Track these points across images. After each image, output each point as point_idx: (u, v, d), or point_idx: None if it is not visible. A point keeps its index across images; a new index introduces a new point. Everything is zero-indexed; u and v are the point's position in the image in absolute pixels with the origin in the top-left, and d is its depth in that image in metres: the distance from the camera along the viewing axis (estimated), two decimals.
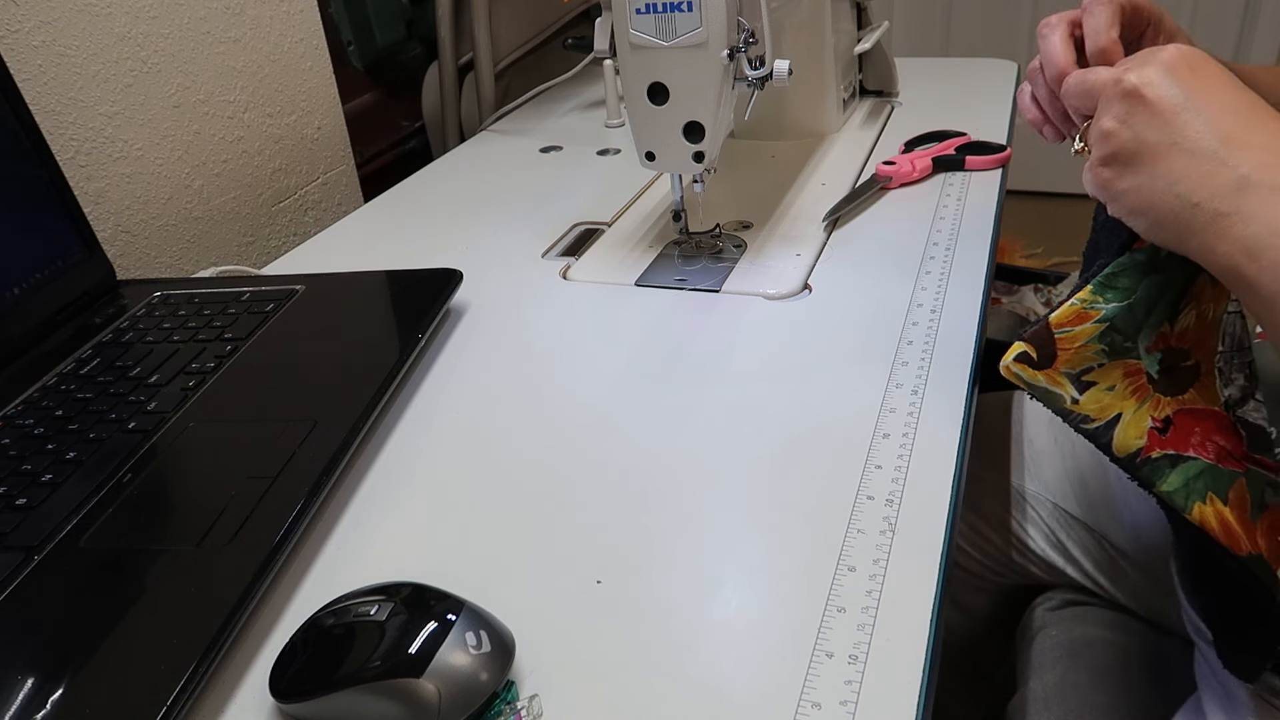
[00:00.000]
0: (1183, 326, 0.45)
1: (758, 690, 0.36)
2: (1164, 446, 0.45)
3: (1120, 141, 0.42)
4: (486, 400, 0.57)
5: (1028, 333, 0.44)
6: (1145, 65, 0.41)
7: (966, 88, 1.04)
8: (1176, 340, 0.45)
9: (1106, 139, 0.42)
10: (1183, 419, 0.45)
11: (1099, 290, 0.44)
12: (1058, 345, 0.44)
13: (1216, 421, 0.45)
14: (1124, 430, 0.45)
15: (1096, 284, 0.44)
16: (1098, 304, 0.44)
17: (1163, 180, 0.40)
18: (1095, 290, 0.44)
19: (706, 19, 0.58)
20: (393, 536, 0.47)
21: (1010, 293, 1.53)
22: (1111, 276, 0.44)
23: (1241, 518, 0.44)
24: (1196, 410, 0.45)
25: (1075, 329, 0.44)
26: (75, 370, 0.60)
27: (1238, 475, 0.45)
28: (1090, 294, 0.44)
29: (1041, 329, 0.44)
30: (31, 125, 0.66)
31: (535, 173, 0.93)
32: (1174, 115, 0.40)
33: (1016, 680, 0.67)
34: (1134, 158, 0.41)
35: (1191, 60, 0.41)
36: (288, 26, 0.92)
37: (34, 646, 0.39)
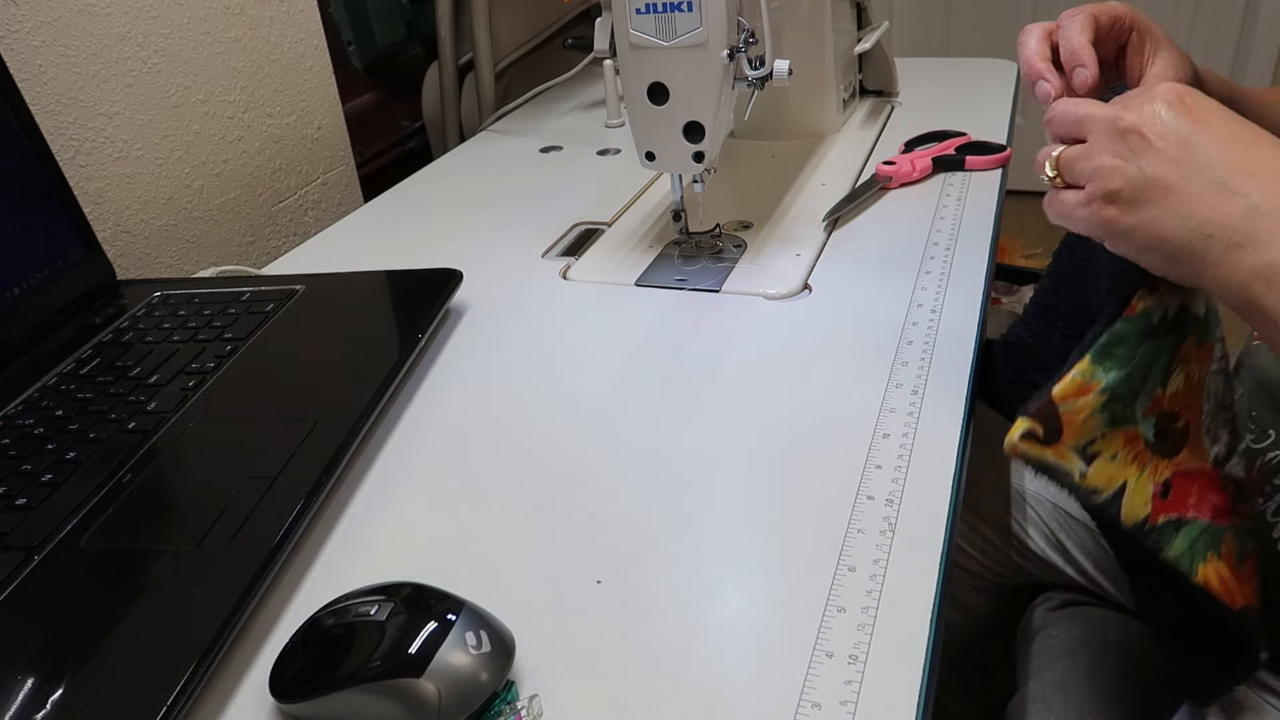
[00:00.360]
0: (1173, 390, 0.46)
1: (758, 690, 0.36)
2: (1167, 511, 0.45)
3: (1125, 178, 0.41)
4: (486, 400, 0.57)
5: (1031, 409, 0.44)
6: (1143, 103, 0.42)
7: (966, 88, 1.04)
8: (1168, 403, 0.46)
9: (1107, 176, 0.42)
10: (1180, 481, 0.46)
11: (1098, 360, 0.44)
12: (1063, 420, 0.44)
13: (1209, 479, 0.47)
14: (1130, 500, 0.45)
15: (1095, 354, 0.44)
16: (1098, 374, 0.44)
17: (1173, 215, 0.40)
18: (1094, 360, 0.44)
19: (706, 19, 0.58)
20: (393, 536, 0.47)
21: (1010, 293, 1.53)
22: (1108, 346, 0.44)
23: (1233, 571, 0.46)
24: (1190, 470, 0.46)
25: (1079, 401, 0.44)
26: (75, 370, 0.60)
27: (1227, 530, 0.46)
28: (1090, 365, 0.44)
29: (1045, 404, 0.44)
30: (31, 125, 0.66)
31: (535, 173, 0.93)
32: (1179, 150, 0.40)
33: (1016, 680, 0.67)
34: (1140, 194, 0.41)
35: (1186, 96, 0.41)
36: (288, 26, 0.92)
37: (34, 646, 0.39)
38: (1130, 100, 0.42)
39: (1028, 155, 0.51)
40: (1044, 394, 0.44)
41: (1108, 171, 0.42)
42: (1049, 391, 0.44)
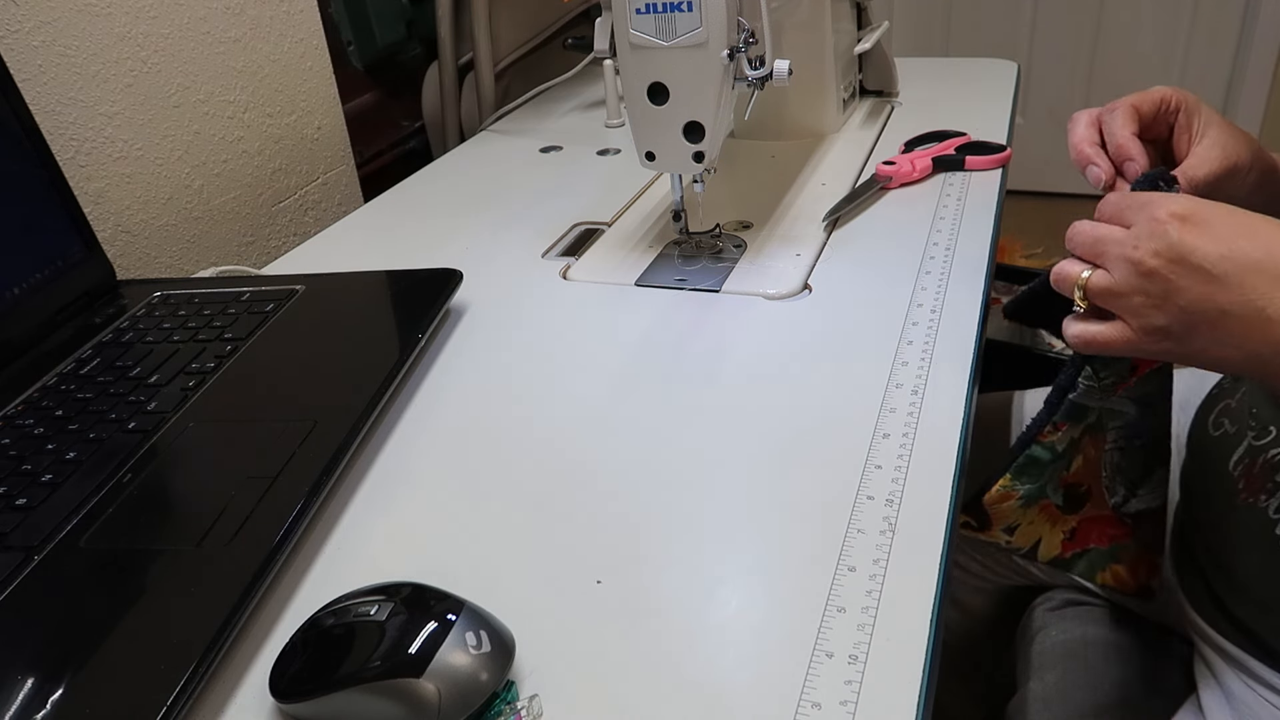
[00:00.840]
0: (1075, 469, 0.59)
1: (758, 690, 0.36)
2: (1073, 548, 0.61)
3: (1167, 317, 0.43)
4: (486, 400, 0.57)
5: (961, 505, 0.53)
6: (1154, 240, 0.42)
7: (966, 88, 1.04)
8: (1072, 478, 0.59)
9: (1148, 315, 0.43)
10: (1084, 525, 0.61)
11: (1016, 476, 0.59)
12: (991, 515, 0.60)
13: (1107, 519, 0.61)
14: (1045, 546, 0.61)
15: (1014, 472, 0.58)
16: (1016, 485, 0.59)
17: (1226, 345, 0.42)
18: (1014, 476, 0.59)
19: (706, 19, 0.58)
20: (393, 536, 0.47)
21: (1010, 293, 1.53)
22: (1024, 466, 0.58)
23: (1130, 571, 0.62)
24: (1092, 517, 0.60)
25: (1003, 505, 0.59)
26: (75, 370, 0.60)
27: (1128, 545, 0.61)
28: (1009, 480, 0.59)
29: (976, 506, 0.60)
30: (31, 125, 0.66)
31: (535, 173, 0.93)
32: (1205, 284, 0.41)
33: (1016, 680, 0.67)
34: (1187, 330, 0.43)
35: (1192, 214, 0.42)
36: (288, 26, 0.92)
37: (34, 646, 0.39)
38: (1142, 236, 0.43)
39: (1028, 155, 0.52)
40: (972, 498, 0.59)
41: (1147, 311, 0.43)
42: (977, 496, 0.59)
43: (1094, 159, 0.52)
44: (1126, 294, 0.44)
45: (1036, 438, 0.57)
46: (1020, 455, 0.58)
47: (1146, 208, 0.43)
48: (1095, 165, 0.52)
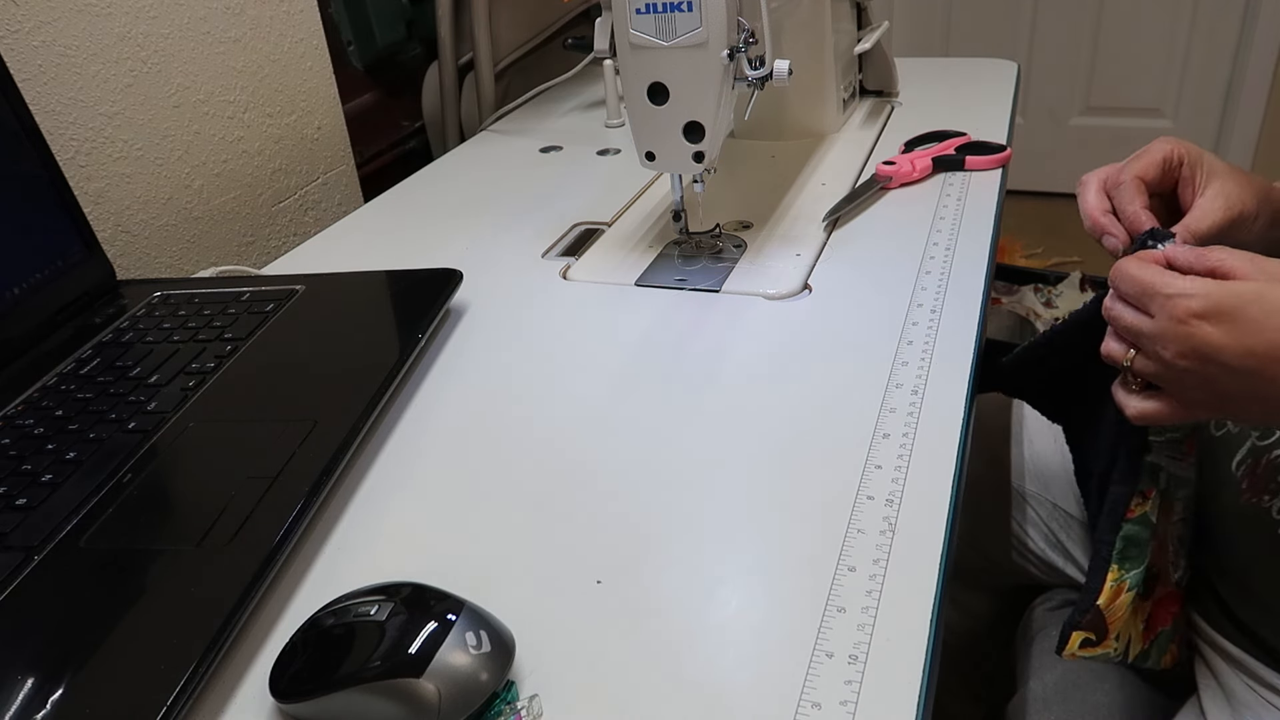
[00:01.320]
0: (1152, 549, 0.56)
1: (758, 690, 0.36)
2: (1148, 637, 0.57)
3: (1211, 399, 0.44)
4: (486, 400, 0.57)
5: (1083, 621, 0.53)
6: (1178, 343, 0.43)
7: (966, 88, 1.04)
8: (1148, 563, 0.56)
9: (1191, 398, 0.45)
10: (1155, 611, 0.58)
11: (1120, 562, 0.54)
12: (1108, 620, 0.54)
13: (1170, 596, 0.58)
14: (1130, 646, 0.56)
15: (1117, 559, 0.54)
16: (1124, 575, 0.54)
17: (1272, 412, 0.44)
18: (1119, 564, 0.54)
19: (706, 19, 0.58)
20: (393, 536, 0.47)
21: (1010, 293, 1.53)
22: (1125, 550, 0.54)
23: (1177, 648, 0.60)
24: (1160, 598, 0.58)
25: (1117, 601, 0.54)
26: (75, 370, 0.60)
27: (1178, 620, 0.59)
28: (1118, 571, 0.54)
29: (1094, 615, 0.54)
30: (31, 125, 0.66)
31: (535, 173, 0.93)
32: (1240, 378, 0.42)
33: (1016, 680, 0.67)
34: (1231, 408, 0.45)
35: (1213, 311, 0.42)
36: (288, 26, 0.92)
37: (34, 646, 0.39)
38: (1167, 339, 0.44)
39: (1028, 155, 0.52)
40: (1087, 606, 0.53)
41: (1191, 394, 0.45)
42: (1092, 603, 0.53)
43: (1109, 229, 0.53)
44: (1168, 381, 0.45)
45: (1125, 515, 0.54)
46: (1115, 541, 0.54)
47: (1166, 306, 0.43)
48: (1111, 235, 0.53)
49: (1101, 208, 0.54)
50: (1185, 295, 0.42)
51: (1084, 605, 0.54)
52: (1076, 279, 1.50)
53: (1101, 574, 0.53)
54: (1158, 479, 0.54)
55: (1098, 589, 0.53)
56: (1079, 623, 0.53)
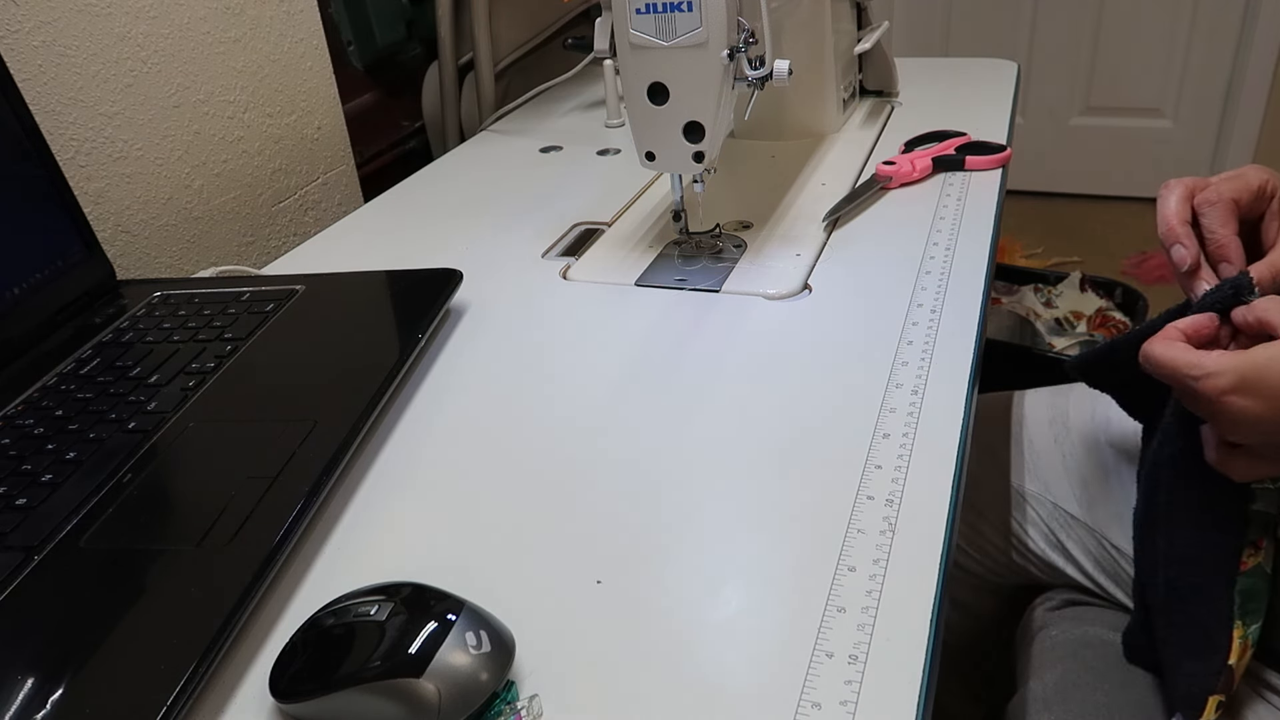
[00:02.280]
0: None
1: (758, 690, 0.36)
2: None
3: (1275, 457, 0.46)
4: (486, 400, 0.57)
5: (1219, 686, 0.51)
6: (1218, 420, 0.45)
7: (966, 88, 1.04)
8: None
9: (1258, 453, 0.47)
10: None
11: (1242, 617, 0.51)
12: (1235, 677, 0.52)
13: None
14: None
15: (1240, 614, 0.51)
16: (1248, 632, 0.52)
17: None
18: (1242, 620, 0.51)
19: (706, 19, 0.58)
20: (393, 536, 0.47)
21: (1010, 293, 1.53)
22: (1245, 604, 0.51)
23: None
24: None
25: (1243, 657, 0.52)
26: (75, 370, 0.60)
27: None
28: (1243, 627, 0.51)
29: (1228, 676, 0.51)
30: (31, 125, 0.66)
31: (535, 173, 0.93)
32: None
33: (1016, 680, 0.67)
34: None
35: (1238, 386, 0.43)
36: (288, 26, 0.92)
37: (34, 646, 0.39)
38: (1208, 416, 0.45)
39: (1028, 155, 0.52)
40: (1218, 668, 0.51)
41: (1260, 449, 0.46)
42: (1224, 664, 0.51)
43: (1183, 239, 0.51)
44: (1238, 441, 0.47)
45: (1239, 569, 0.52)
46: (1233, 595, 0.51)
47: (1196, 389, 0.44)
48: (1182, 246, 0.51)
49: (1182, 216, 0.52)
50: (1211, 375, 0.44)
51: (1213, 667, 0.51)
52: (1076, 279, 1.50)
53: (1226, 632, 0.51)
54: (1273, 529, 0.52)
55: (1227, 647, 0.51)
56: (1214, 686, 0.51)
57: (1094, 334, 1.41)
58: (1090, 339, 1.39)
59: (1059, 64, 2.25)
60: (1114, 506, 0.68)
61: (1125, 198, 2.28)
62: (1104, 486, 0.69)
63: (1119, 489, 0.68)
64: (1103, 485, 0.69)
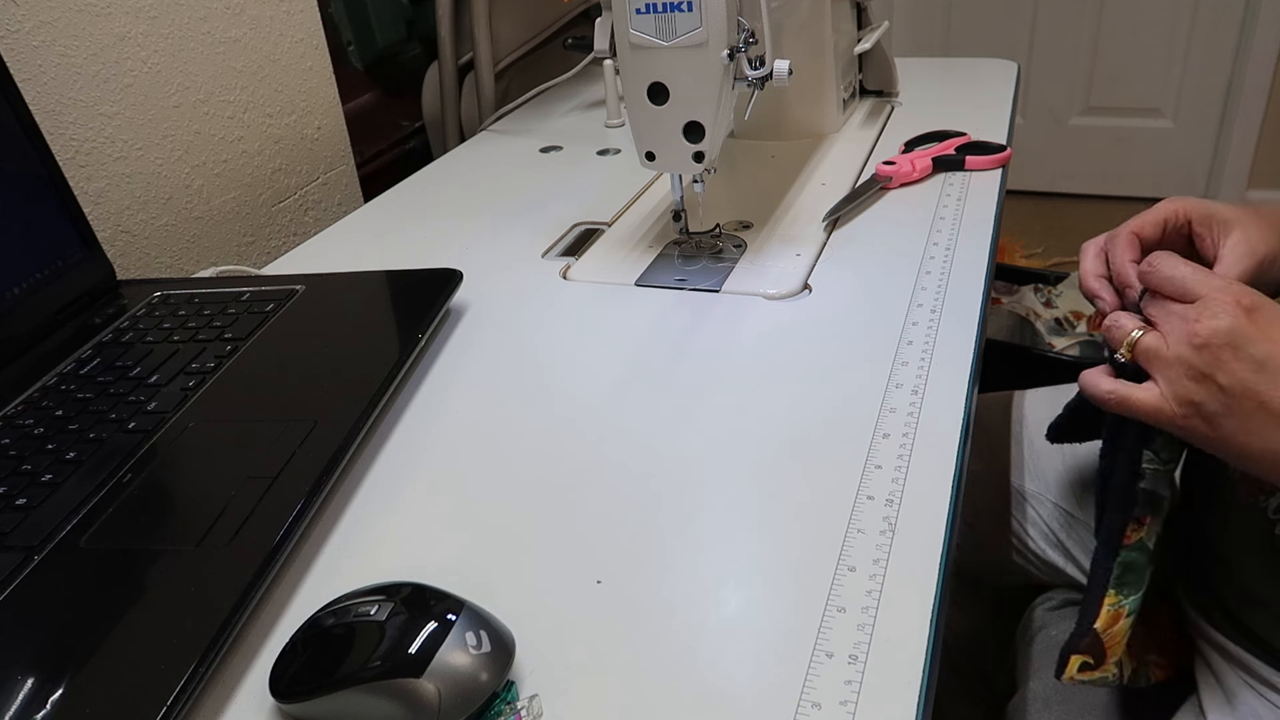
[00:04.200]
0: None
1: (758, 690, 0.36)
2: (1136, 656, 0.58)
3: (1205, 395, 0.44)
4: (486, 400, 0.57)
5: (1081, 645, 0.54)
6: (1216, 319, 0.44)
7: (966, 88, 1.04)
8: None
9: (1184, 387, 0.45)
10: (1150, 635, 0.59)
11: (1118, 588, 0.54)
12: (1105, 645, 0.54)
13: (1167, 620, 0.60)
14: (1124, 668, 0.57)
15: (1115, 584, 0.53)
16: (1122, 601, 0.54)
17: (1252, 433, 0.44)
18: (1116, 590, 0.53)
19: (706, 19, 0.58)
20: (393, 537, 0.47)
21: (1010, 293, 1.53)
22: (1121, 576, 0.53)
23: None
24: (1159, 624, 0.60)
25: (1114, 627, 0.54)
26: (75, 370, 0.60)
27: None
28: (1115, 596, 0.53)
29: (1092, 638, 0.54)
30: (31, 125, 0.66)
31: (535, 173, 0.93)
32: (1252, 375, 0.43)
33: (1016, 680, 0.67)
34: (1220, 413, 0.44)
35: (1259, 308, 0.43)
36: (288, 26, 0.92)
37: (34, 646, 0.39)
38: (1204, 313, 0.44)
39: (1028, 155, 0.52)
40: (1085, 630, 0.54)
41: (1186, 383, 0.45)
42: (1089, 626, 0.54)
43: (1099, 293, 0.53)
44: (1172, 362, 0.45)
45: (1122, 542, 0.53)
46: (1112, 566, 0.54)
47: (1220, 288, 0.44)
48: (1101, 299, 0.53)
49: (1096, 271, 0.54)
50: (1241, 289, 0.44)
51: (1081, 629, 0.54)
52: (1076, 279, 1.50)
53: (1098, 598, 0.54)
54: (1162, 505, 0.54)
55: (1095, 613, 0.53)
56: (1077, 646, 0.53)
57: (1094, 334, 1.41)
58: (1090, 339, 1.39)
59: (1059, 64, 2.25)
60: None
61: (1125, 198, 2.28)
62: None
63: None
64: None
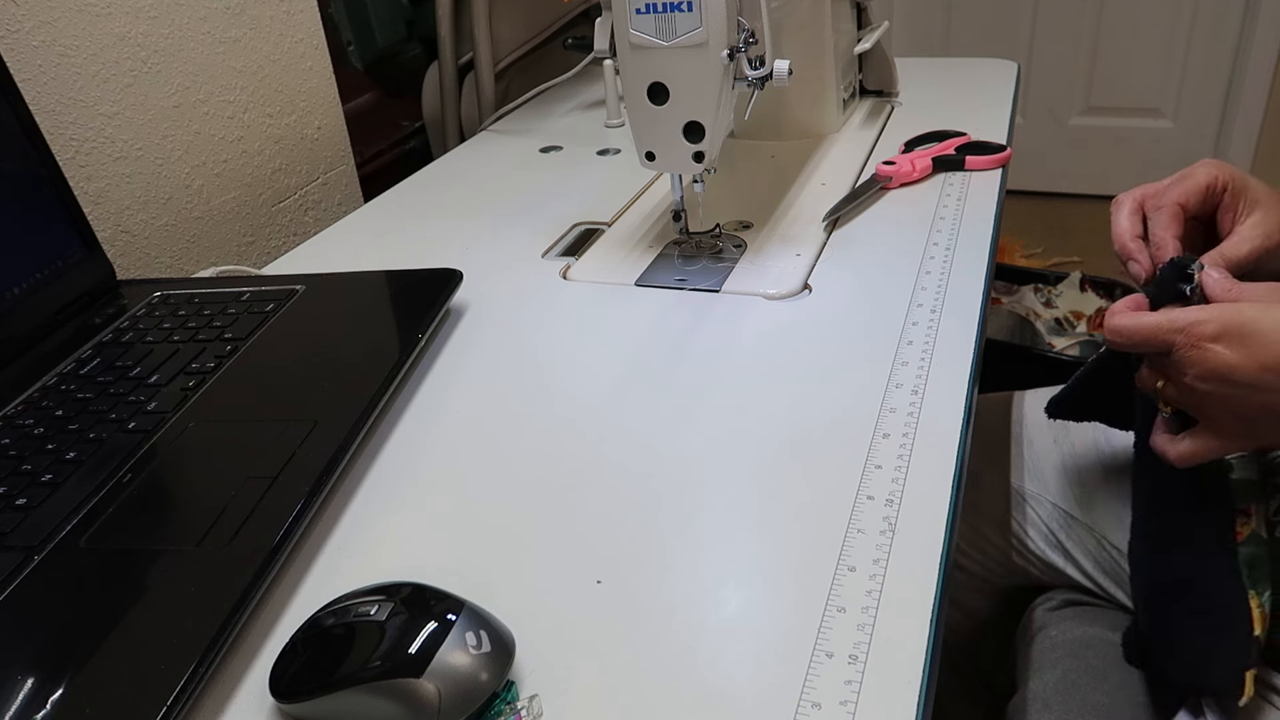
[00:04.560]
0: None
1: (758, 690, 0.36)
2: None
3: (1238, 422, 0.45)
4: (486, 400, 0.57)
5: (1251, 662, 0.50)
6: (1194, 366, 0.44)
7: (966, 88, 1.04)
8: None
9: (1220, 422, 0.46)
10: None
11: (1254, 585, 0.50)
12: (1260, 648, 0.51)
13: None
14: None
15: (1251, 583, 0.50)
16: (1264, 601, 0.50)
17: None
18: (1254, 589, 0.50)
19: (706, 19, 0.58)
20: (393, 537, 0.47)
21: (1010, 293, 1.53)
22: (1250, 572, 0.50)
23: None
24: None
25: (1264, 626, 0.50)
26: (75, 370, 0.60)
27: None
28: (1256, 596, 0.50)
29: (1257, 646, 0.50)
30: (31, 125, 0.66)
31: (535, 173, 0.93)
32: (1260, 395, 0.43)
33: (1016, 680, 0.67)
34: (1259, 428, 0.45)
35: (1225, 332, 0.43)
36: (288, 26, 0.92)
37: (34, 646, 0.39)
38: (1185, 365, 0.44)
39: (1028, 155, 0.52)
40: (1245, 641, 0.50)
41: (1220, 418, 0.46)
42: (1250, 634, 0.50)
43: (1135, 255, 0.52)
44: (1195, 409, 0.46)
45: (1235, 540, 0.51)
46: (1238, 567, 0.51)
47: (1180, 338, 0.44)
48: (1136, 262, 0.52)
49: (1133, 231, 0.53)
50: (1197, 322, 0.44)
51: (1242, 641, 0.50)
52: (1076, 279, 1.50)
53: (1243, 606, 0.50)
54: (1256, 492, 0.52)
55: (1248, 619, 0.50)
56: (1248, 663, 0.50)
57: (1094, 334, 1.41)
58: (1090, 339, 1.39)
59: (1059, 64, 2.25)
60: (1114, 506, 0.68)
61: None
62: (1104, 486, 0.69)
63: (1119, 489, 0.68)
64: (1102, 485, 0.69)
